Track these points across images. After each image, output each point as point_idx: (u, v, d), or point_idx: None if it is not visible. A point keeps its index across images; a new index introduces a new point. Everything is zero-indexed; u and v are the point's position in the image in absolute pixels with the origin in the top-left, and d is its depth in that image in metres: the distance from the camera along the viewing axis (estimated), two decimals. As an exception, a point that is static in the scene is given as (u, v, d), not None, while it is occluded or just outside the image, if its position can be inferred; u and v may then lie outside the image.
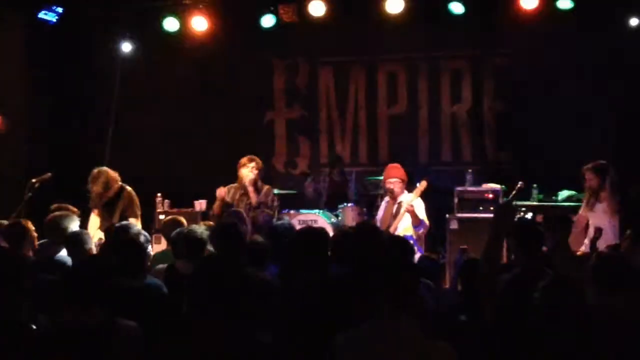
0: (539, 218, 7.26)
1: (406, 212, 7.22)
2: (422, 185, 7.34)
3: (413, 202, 7.23)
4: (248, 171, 7.48)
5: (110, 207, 7.07)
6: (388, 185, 7.50)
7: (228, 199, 7.49)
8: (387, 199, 7.62)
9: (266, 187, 7.59)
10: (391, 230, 7.19)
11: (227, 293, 2.94)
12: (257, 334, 3.05)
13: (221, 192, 7.43)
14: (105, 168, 7.20)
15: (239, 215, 6.31)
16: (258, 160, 7.57)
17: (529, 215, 7.73)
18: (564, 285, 3.28)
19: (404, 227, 7.28)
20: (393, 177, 7.50)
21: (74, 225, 5.15)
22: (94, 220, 7.06)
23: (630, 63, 8.72)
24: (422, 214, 7.30)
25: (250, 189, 7.42)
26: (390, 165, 7.75)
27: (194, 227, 5.15)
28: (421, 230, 7.31)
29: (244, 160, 7.57)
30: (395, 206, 7.46)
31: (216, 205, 7.50)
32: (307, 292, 3.95)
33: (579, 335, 3.11)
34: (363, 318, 3.08)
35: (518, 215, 7.61)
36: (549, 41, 9.03)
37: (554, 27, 8.85)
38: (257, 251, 4.85)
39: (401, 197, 7.43)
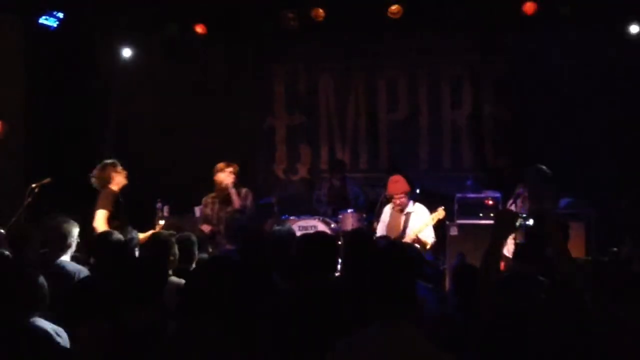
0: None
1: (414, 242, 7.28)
2: (439, 214, 7.42)
3: (424, 230, 7.34)
4: (226, 175, 7.50)
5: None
6: (396, 201, 7.56)
7: (208, 212, 7.52)
8: (390, 206, 7.67)
9: (244, 189, 7.68)
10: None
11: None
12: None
13: (206, 229, 7.51)
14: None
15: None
16: (235, 165, 7.67)
17: (530, 222, 7.70)
18: (563, 291, 3.27)
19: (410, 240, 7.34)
20: (398, 192, 7.56)
21: (75, 231, 5.14)
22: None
23: (630, 69, 8.73)
24: (429, 237, 7.44)
25: (233, 191, 7.44)
26: (393, 178, 7.75)
27: (159, 232, 5.22)
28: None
29: (221, 165, 7.65)
30: (403, 217, 7.53)
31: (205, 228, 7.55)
32: (307, 297, 3.94)
33: (578, 341, 3.10)
34: (361, 323, 3.07)
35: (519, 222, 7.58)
36: (549, 47, 9.04)
37: (554, 33, 8.87)
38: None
39: (408, 208, 7.53)
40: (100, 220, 6.68)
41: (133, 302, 3.34)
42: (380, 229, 7.72)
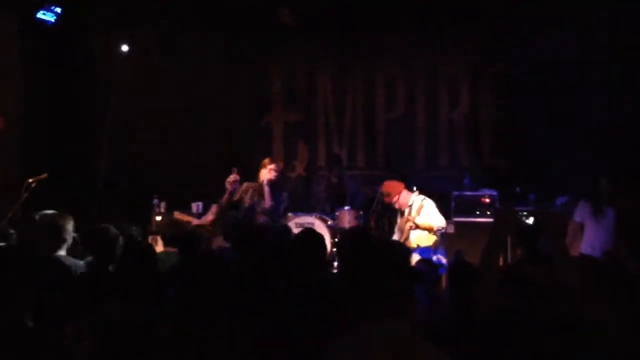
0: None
1: (411, 229, 7.11)
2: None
3: (417, 217, 7.12)
4: (266, 172, 7.48)
5: None
6: (395, 206, 7.41)
7: (245, 199, 7.48)
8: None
9: (284, 194, 7.73)
10: (401, 240, 7.11)
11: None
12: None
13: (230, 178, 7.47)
14: None
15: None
16: (280, 163, 7.72)
17: (530, 220, 7.74)
18: (562, 290, 3.28)
19: (417, 237, 7.16)
20: (390, 196, 7.36)
21: (69, 225, 5.12)
22: None
23: (628, 68, 8.73)
24: (430, 220, 7.09)
25: (267, 189, 7.37)
26: (384, 185, 7.59)
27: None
28: (440, 232, 7.07)
29: (265, 161, 7.66)
30: (407, 209, 7.35)
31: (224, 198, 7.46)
32: (302, 295, 3.94)
33: (570, 340, 3.10)
34: (356, 322, 3.06)
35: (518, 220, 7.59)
36: (547, 47, 9.05)
37: (552, 33, 8.87)
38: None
39: (413, 202, 7.28)
40: None
41: (120, 299, 3.32)
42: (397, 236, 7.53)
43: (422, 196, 7.24)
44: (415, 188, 7.39)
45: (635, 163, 8.44)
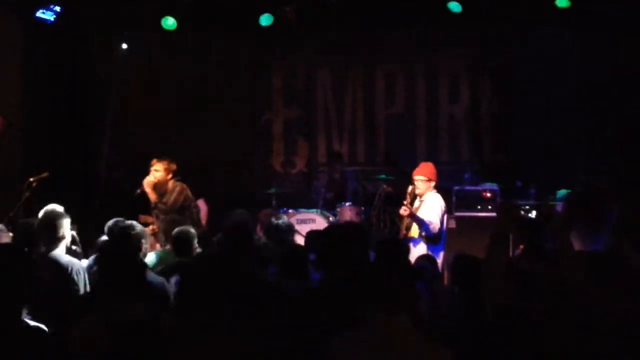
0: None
1: (407, 217, 7.06)
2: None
3: (421, 207, 7.06)
4: (150, 174, 7.60)
5: None
6: (414, 183, 7.20)
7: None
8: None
9: (176, 187, 7.61)
10: (402, 231, 7.07)
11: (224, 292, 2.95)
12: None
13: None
14: None
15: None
16: (162, 162, 7.61)
17: (533, 214, 7.75)
18: (565, 287, 3.28)
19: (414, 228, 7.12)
20: (417, 174, 7.22)
21: (67, 223, 5.12)
22: None
23: (629, 64, 8.72)
24: (424, 214, 7.04)
25: (148, 190, 7.56)
26: (422, 163, 7.49)
27: (185, 227, 5.43)
28: (426, 233, 6.95)
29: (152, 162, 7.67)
30: (418, 203, 7.26)
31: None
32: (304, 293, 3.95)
33: (572, 336, 3.10)
34: (357, 320, 3.06)
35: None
36: (547, 43, 9.04)
37: (553, 28, 8.87)
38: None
39: (425, 197, 7.17)
40: None
41: (119, 299, 3.31)
42: None
43: (438, 196, 7.20)
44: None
45: (635, 159, 8.45)
